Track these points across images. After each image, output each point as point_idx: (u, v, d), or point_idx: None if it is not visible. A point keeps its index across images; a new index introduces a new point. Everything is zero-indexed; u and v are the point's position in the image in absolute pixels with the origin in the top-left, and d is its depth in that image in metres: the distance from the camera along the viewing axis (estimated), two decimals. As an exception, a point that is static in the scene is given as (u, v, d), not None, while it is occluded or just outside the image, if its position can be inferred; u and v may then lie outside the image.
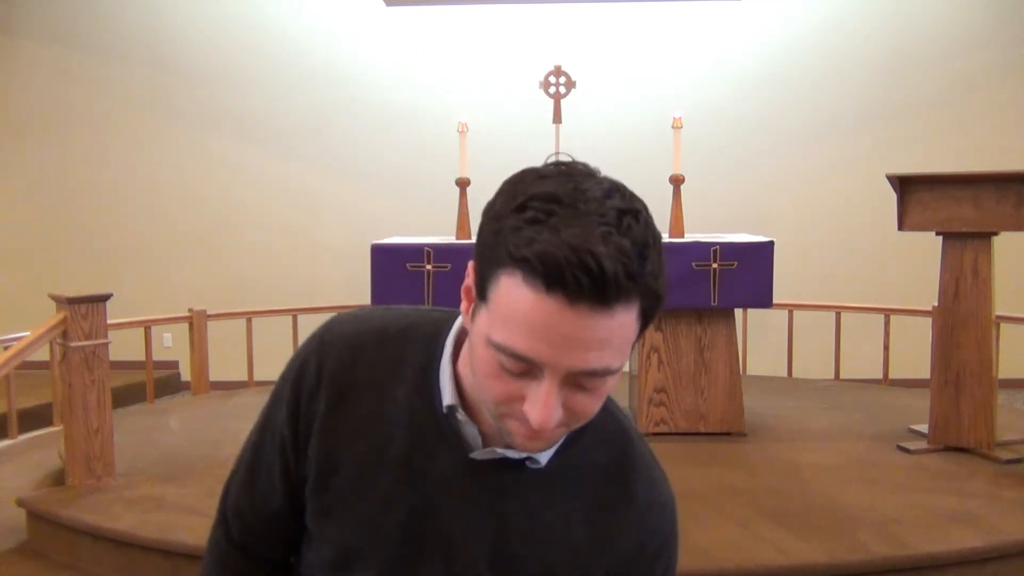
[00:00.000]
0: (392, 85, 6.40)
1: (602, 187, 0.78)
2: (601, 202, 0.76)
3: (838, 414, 4.27)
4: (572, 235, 0.73)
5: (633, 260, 0.74)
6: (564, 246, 0.73)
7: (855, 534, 2.71)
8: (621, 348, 0.78)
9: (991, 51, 6.26)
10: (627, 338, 0.78)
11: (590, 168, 0.82)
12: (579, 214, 0.74)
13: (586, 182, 0.78)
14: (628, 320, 0.76)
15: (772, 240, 3.75)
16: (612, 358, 0.78)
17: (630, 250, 0.74)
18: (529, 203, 0.76)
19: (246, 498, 1.04)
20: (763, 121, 6.36)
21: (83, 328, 3.26)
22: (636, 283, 0.75)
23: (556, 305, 0.74)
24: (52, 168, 6.60)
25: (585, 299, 0.73)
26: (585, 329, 0.75)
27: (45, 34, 6.53)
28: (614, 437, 0.97)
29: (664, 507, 0.97)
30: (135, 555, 2.85)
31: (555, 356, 0.76)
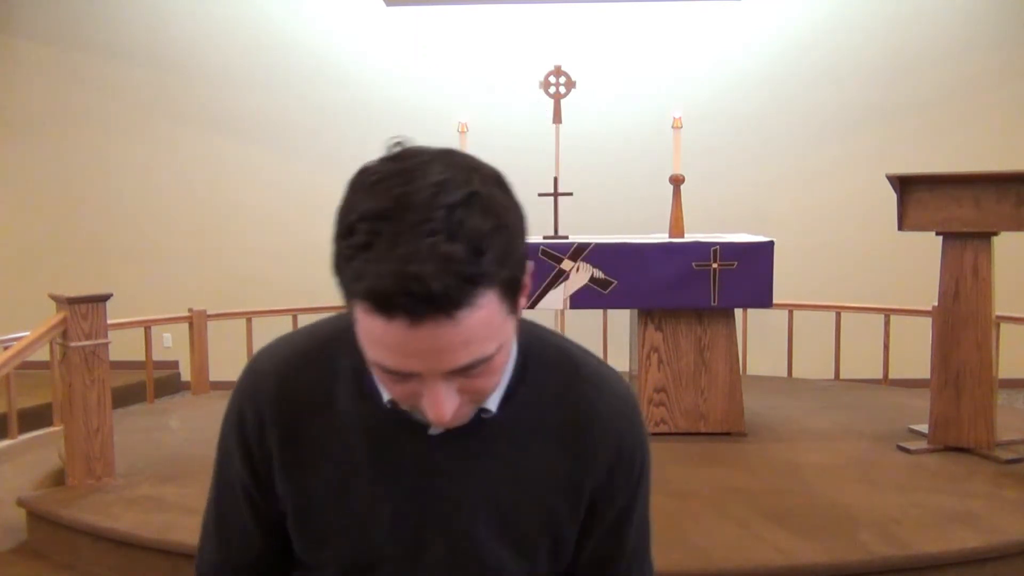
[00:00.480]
0: (392, 85, 6.40)
1: (431, 182, 0.75)
2: (428, 205, 0.74)
3: (838, 414, 4.27)
4: (396, 260, 0.72)
5: (466, 262, 0.73)
6: (389, 276, 0.72)
7: (855, 534, 2.71)
8: (488, 335, 0.78)
9: (991, 51, 6.26)
10: (491, 324, 0.77)
11: (424, 155, 0.78)
12: (403, 229, 0.73)
13: (414, 181, 0.75)
14: (483, 313, 0.76)
15: (772, 240, 3.75)
16: (481, 348, 0.78)
17: (462, 253, 0.73)
18: (356, 225, 0.75)
19: (221, 555, 1.04)
20: (763, 121, 6.36)
21: (83, 328, 3.26)
22: (476, 281, 0.74)
23: (402, 328, 0.75)
24: (52, 168, 6.59)
25: (425, 317, 0.74)
26: (438, 339, 0.76)
27: (45, 34, 6.53)
28: (560, 363, 0.98)
29: (627, 409, 1.00)
30: (135, 555, 2.85)
31: (423, 365, 0.78)
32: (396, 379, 0.81)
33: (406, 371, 0.79)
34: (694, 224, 4.31)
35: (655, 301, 3.79)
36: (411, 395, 0.83)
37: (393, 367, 0.79)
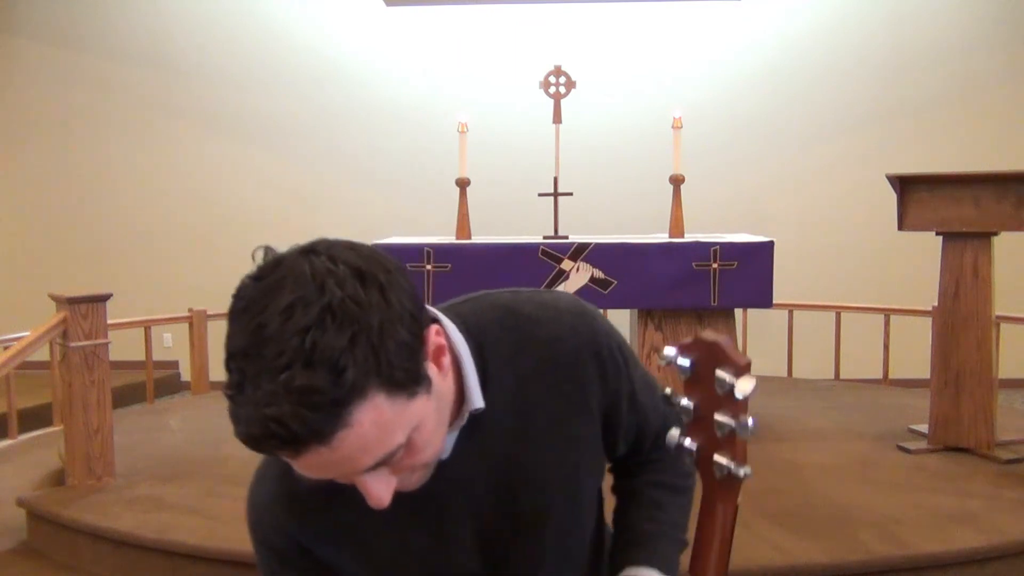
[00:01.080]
0: (392, 85, 6.40)
1: (281, 307, 0.74)
2: (280, 334, 0.73)
3: (838, 414, 4.27)
4: (256, 405, 0.73)
5: (327, 387, 0.72)
6: (255, 423, 0.73)
7: (855, 534, 2.71)
8: (384, 434, 0.78)
9: (991, 51, 6.26)
10: (383, 424, 0.77)
11: (281, 270, 0.77)
12: (261, 368, 0.73)
13: (267, 310, 0.74)
14: (367, 420, 0.75)
15: (772, 240, 3.75)
16: (383, 447, 0.78)
17: (320, 382, 0.72)
18: (228, 365, 0.77)
19: None
20: (763, 121, 6.36)
21: (83, 328, 3.26)
22: (343, 402, 0.73)
23: (290, 460, 0.77)
24: (52, 168, 6.60)
25: (302, 450, 0.75)
26: (327, 458, 0.76)
27: (45, 34, 6.53)
28: (502, 325, 0.99)
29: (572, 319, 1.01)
30: (135, 555, 2.85)
31: (333, 474, 0.80)
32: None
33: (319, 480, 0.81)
34: (694, 224, 4.31)
35: (655, 301, 3.79)
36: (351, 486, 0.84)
37: (308, 480, 0.81)
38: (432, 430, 0.84)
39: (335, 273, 0.75)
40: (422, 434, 0.82)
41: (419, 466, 0.87)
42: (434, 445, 0.86)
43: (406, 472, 0.85)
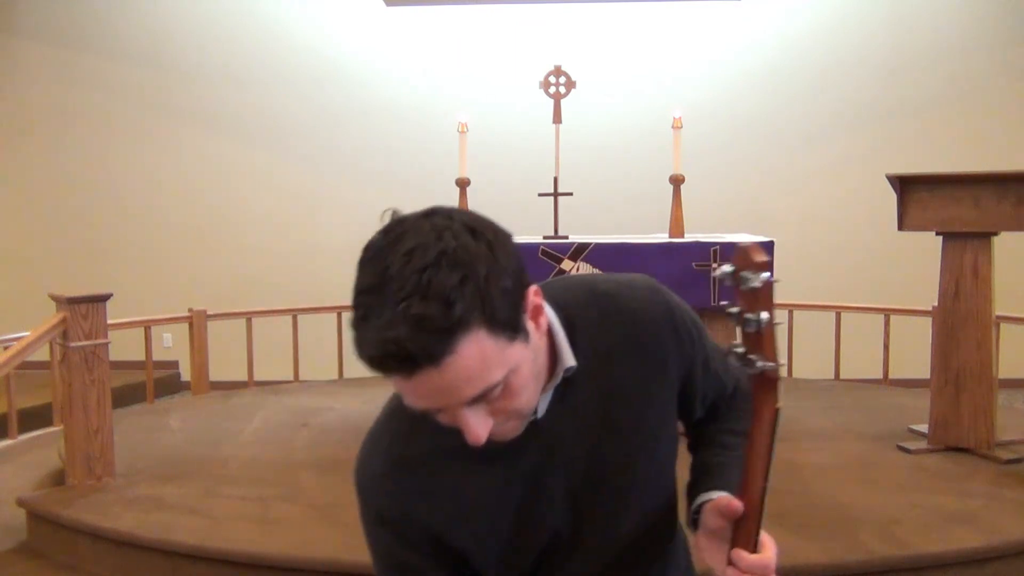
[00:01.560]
0: (392, 85, 6.41)
1: (403, 252, 0.85)
2: (400, 274, 0.84)
3: (838, 414, 4.27)
4: (378, 329, 0.84)
5: (439, 316, 0.83)
6: (375, 344, 0.84)
7: (855, 534, 2.71)
8: (486, 368, 0.88)
9: (991, 51, 6.26)
10: (486, 359, 0.87)
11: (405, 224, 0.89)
12: (383, 300, 0.84)
13: (392, 255, 0.86)
14: (471, 353, 0.86)
15: (772, 240, 3.75)
16: (484, 380, 0.88)
17: (433, 311, 0.83)
18: (354, 301, 0.88)
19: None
20: (763, 121, 6.36)
21: (83, 328, 3.26)
22: (451, 331, 0.84)
23: (402, 381, 0.87)
24: (52, 168, 6.60)
25: (414, 372, 0.85)
26: (436, 382, 0.86)
27: (45, 34, 6.53)
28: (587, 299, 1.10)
29: (650, 293, 1.12)
30: (135, 555, 2.85)
31: (438, 403, 0.90)
32: (432, 415, 0.93)
33: (427, 409, 0.91)
34: (694, 224, 4.31)
35: (655, 301, 3.79)
36: (453, 422, 0.93)
37: (420, 408, 0.91)
38: (527, 377, 0.94)
39: (451, 228, 0.87)
40: (518, 378, 0.92)
41: (514, 413, 0.95)
42: (529, 393, 0.95)
43: (502, 417, 0.94)
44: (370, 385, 4.97)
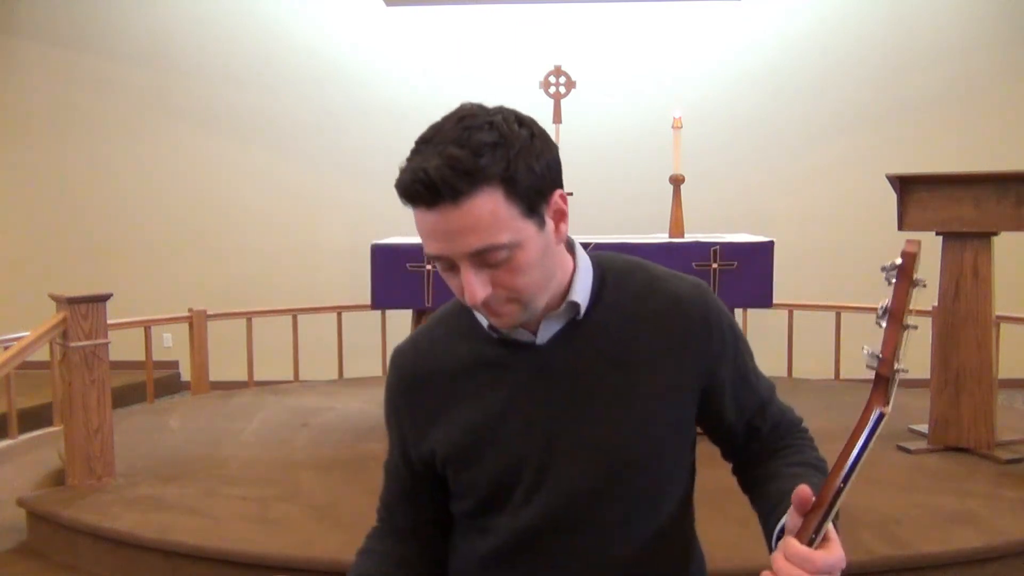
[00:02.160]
0: (392, 85, 6.41)
1: (459, 116, 1.01)
2: (452, 129, 0.99)
3: (838, 414, 4.26)
4: (416, 162, 0.99)
5: (466, 160, 0.96)
6: (409, 173, 0.98)
7: (855, 534, 2.71)
8: (494, 225, 0.98)
9: (991, 51, 6.26)
10: (496, 216, 0.98)
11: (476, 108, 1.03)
12: (429, 144, 0.99)
13: (452, 116, 1.02)
14: (485, 204, 0.98)
15: (772, 240, 3.75)
16: (489, 236, 0.99)
17: (463, 155, 0.97)
18: (411, 152, 1.02)
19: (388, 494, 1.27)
20: (763, 121, 6.36)
21: (83, 328, 3.26)
22: (472, 175, 0.97)
23: (421, 213, 1.00)
24: (52, 168, 6.60)
25: (434, 203, 0.98)
26: (449, 222, 0.98)
27: (45, 34, 6.53)
28: (634, 268, 1.18)
29: (701, 289, 1.18)
30: (135, 555, 2.85)
31: (448, 248, 1.00)
32: (443, 269, 1.04)
33: (437, 254, 1.01)
34: (694, 224, 4.31)
35: (655, 301, 3.79)
36: (460, 289, 1.03)
37: (430, 251, 1.02)
38: (532, 261, 1.03)
39: (504, 112, 1.03)
40: (524, 255, 1.02)
41: (514, 293, 1.04)
42: (531, 279, 1.04)
43: (501, 292, 1.03)
44: (370, 385, 4.97)
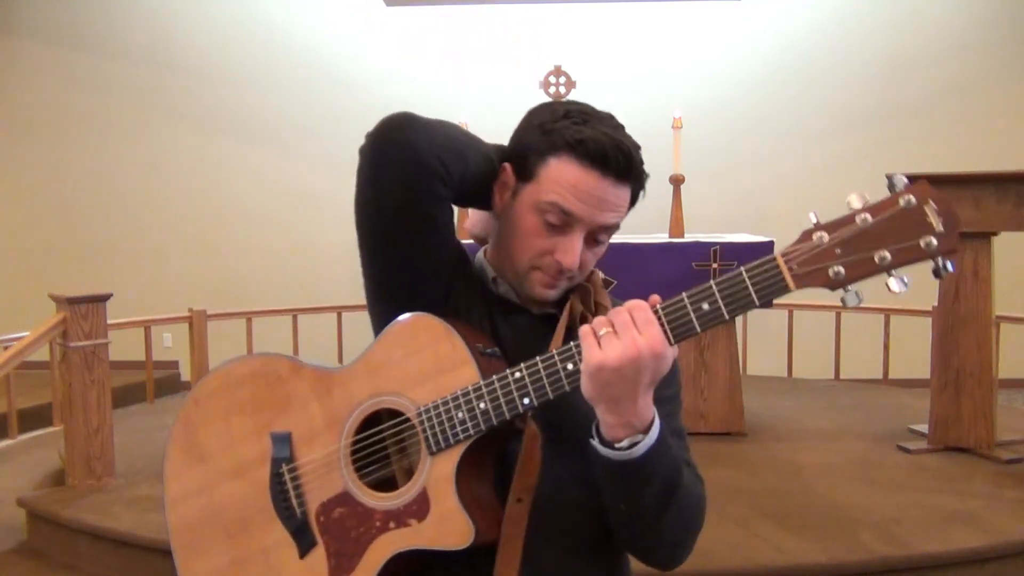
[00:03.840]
0: (392, 85, 6.40)
1: (607, 112, 1.16)
2: (612, 118, 1.15)
3: (838, 414, 4.27)
4: (606, 131, 1.11)
5: (639, 155, 1.14)
6: (606, 136, 1.10)
7: (855, 534, 2.71)
8: (621, 215, 1.15)
9: (991, 51, 6.26)
10: (626, 208, 1.15)
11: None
12: (603, 121, 1.13)
13: (596, 109, 1.16)
14: (628, 196, 1.15)
15: (772, 240, 3.75)
16: (618, 218, 1.15)
17: (638, 148, 1.14)
18: (569, 113, 1.13)
19: None
20: (763, 121, 6.36)
21: (83, 328, 3.27)
22: (640, 172, 1.14)
23: (594, 176, 1.10)
24: (52, 168, 6.60)
25: (612, 173, 1.10)
26: (608, 194, 1.11)
27: (45, 34, 6.53)
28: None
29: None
30: (135, 555, 2.85)
31: (588, 213, 1.11)
32: (551, 230, 1.12)
33: (573, 212, 1.10)
34: (694, 224, 4.31)
35: (655, 301, 3.79)
36: (546, 250, 1.13)
37: (567, 207, 1.10)
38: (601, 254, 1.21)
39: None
40: (603, 247, 1.20)
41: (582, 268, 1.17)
42: (591, 267, 1.21)
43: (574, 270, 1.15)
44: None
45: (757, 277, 0.97)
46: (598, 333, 0.98)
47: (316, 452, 1.13)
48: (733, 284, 0.98)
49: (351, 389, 1.12)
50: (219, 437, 1.21)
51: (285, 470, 1.15)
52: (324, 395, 1.14)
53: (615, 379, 0.97)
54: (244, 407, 1.19)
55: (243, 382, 1.21)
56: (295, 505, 1.14)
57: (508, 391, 1.04)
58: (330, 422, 1.13)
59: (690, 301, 0.98)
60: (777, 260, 0.96)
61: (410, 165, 1.11)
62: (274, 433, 1.16)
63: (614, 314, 0.99)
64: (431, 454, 1.07)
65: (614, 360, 0.96)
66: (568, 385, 1.02)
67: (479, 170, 1.16)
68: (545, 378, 1.03)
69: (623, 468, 1.02)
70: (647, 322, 0.97)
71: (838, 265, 0.93)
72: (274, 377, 1.18)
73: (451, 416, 1.05)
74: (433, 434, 1.06)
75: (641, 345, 0.96)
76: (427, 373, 1.08)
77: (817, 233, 0.96)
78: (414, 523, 1.07)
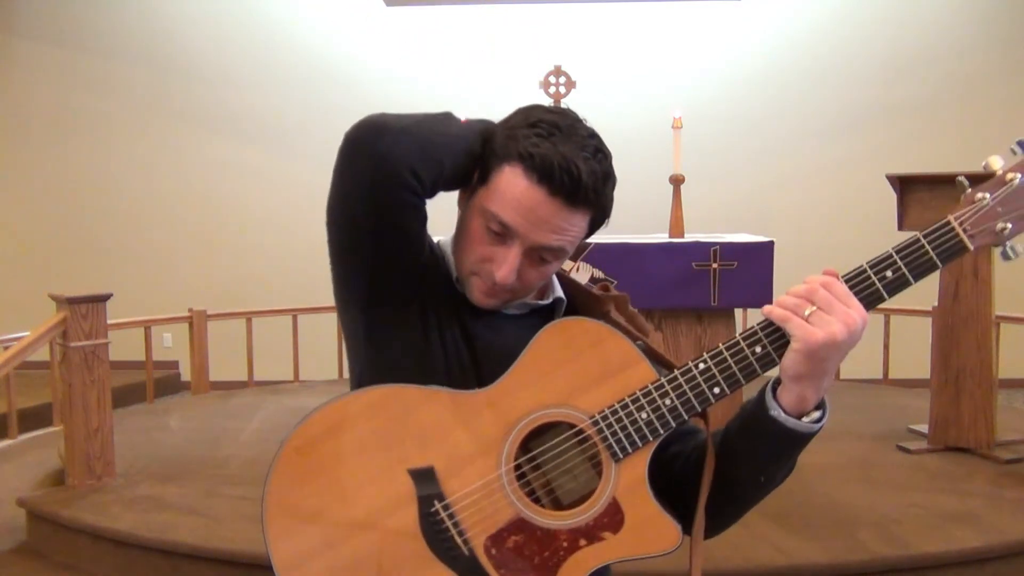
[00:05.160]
0: (392, 85, 6.40)
1: (587, 130, 1.09)
2: (585, 138, 1.07)
3: (838, 414, 4.23)
4: (564, 150, 1.04)
5: (599, 179, 1.06)
6: (558, 154, 1.03)
7: (855, 534, 2.71)
8: (572, 240, 1.08)
9: (991, 51, 6.26)
10: (578, 235, 1.09)
11: (579, 116, 1.11)
12: (571, 139, 1.05)
13: (579, 124, 1.09)
14: (583, 223, 1.08)
15: (772, 240, 3.75)
16: (566, 243, 1.08)
17: (599, 173, 1.06)
18: (538, 123, 1.07)
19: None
20: (763, 121, 6.36)
21: (83, 328, 3.27)
22: (596, 198, 1.06)
23: (540, 193, 1.04)
24: (52, 168, 6.59)
25: (561, 195, 1.04)
26: (554, 217, 1.05)
27: (45, 34, 6.53)
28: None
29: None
30: (135, 555, 2.86)
31: (528, 230, 1.06)
32: (493, 238, 1.08)
33: (513, 227, 1.06)
34: (694, 224, 4.30)
35: (655, 301, 3.79)
36: (486, 257, 1.09)
37: (507, 221, 1.06)
38: (550, 273, 1.14)
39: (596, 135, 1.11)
40: (556, 265, 1.12)
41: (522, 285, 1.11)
42: (539, 282, 1.13)
43: (517, 283, 1.10)
44: (370, 385, 4.97)
45: (936, 241, 1.01)
46: (803, 314, 0.99)
47: (472, 482, 1.03)
48: (914, 250, 1.02)
49: (504, 408, 1.04)
50: (338, 485, 1.06)
51: (439, 507, 1.03)
52: (471, 418, 1.04)
53: (834, 354, 1.00)
54: (365, 447, 1.05)
55: (359, 419, 1.06)
56: (459, 544, 1.03)
57: (695, 384, 1.01)
58: (483, 447, 1.03)
59: (874, 271, 1.04)
60: (951, 223, 1.00)
61: (380, 177, 1.08)
62: (413, 470, 1.04)
63: (808, 292, 1.00)
64: (616, 461, 1.01)
65: (840, 335, 0.98)
66: (761, 368, 1.02)
67: (456, 171, 1.13)
68: (734, 364, 1.01)
69: (804, 439, 1.08)
70: (847, 294, 1.01)
71: (1004, 221, 1.00)
72: (400, 409, 1.05)
73: (634, 418, 1.01)
74: (616, 440, 1.01)
75: (855, 317, 1.00)
76: (593, 378, 1.02)
77: (978, 194, 1.01)
78: (609, 536, 1.01)
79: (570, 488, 1.06)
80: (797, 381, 1.02)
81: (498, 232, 1.07)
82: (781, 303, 1.00)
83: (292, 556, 1.05)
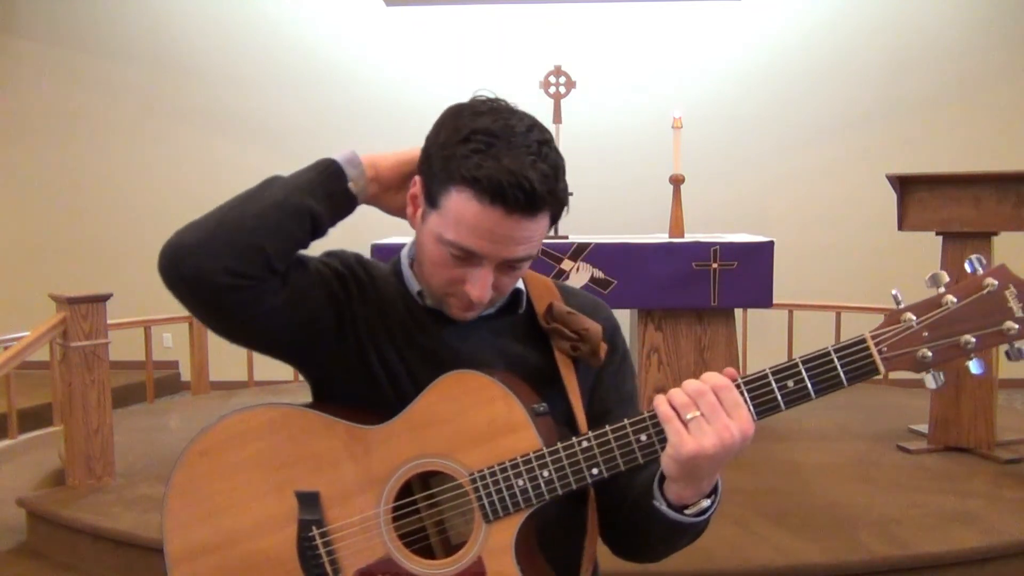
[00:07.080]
0: (392, 85, 6.40)
1: (524, 123, 1.02)
2: (525, 136, 1.01)
3: (838, 414, 4.27)
4: (509, 163, 0.98)
5: (551, 179, 1.01)
6: (505, 171, 0.98)
7: (855, 534, 2.71)
8: (539, 241, 1.07)
9: (991, 51, 6.26)
10: (541, 235, 1.06)
11: (510, 104, 1.05)
12: (511, 146, 0.99)
13: (512, 119, 1.02)
14: (544, 222, 1.05)
15: (772, 240, 3.75)
16: (532, 248, 1.06)
17: (550, 172, 1.01)
18: (472, 136, 1.00)
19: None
20: (763, 121, 6.36)
21: (83, 328, 3.27)
22: (553, 197, 1.02)
23: (496, 214, 1.00)
24: (52, 168, 6.59)
25: (519, 211, 1.00)
26: (516, 231, 1.01)
27: (46, 34, 6.53)
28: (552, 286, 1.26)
29: (601, 306, 1.26)
30: (135, 555, 2.85)
31: (493, 250, 1.03)
32: (458, 262, 1.05)
33: (476, 251, 1.03)
34: (694, 224, 4.31)
35: (655, 301, 3.79)
36: (456, 279, 1.07)
37: (468, 246, 1.02)
38: (524, 273, 1.15)
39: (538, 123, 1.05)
40: (525, 268, 1.12)
41: (499, 293, 1.10)
42: (512, 286, 1.13)
43: (493, 293, 1.08)
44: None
45: (846, 358, 0.96)
46: (684, 417, 0.95)
47: (351, 515, 1.06)
48: (821, 364, 0.97)
49: (392, 449, 1.05)
50: (231, 493, 1.12)
51: (316, 533, 1.07)
52: (361, 454, 1.06)
53: (705, 464, 0.96)
54: (261, 462, 1.10)
55: (259, 434, 1.11)
56: (329, 572, 1.07)
57: (575, 461, 1.00)
58: (366, 483, 1.06)
59: (775, 378, 0.99)
60: (867, 342, 0.95)
61: (206, 296, 1.06)
62: (300, 492, 1.08)
63: (696, 393, 0.96)
64: (487, 521, 1.02)
65: (710, 449, 0.95)
66: (642, 458, 1.00)
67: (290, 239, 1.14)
68: (616, 449, 0.99)
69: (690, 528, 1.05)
70: (736, 404, 0.96)
71: (926, 348, 0.94)
72: (297, 430, 1.09)
73: (510, 483, 1.00)
74: (490, 502, 1.01)
75: (734, 431, 0.96)
76: (479, 435, 1.02)
77: (905, 315, 0.94)
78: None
79: (460, 531, 1.07)
80: (673, 480, 1.00)
81: (463, 257, 1.04)
82: (671, 399, 0.97)
83: (184, 549, 1.13)
